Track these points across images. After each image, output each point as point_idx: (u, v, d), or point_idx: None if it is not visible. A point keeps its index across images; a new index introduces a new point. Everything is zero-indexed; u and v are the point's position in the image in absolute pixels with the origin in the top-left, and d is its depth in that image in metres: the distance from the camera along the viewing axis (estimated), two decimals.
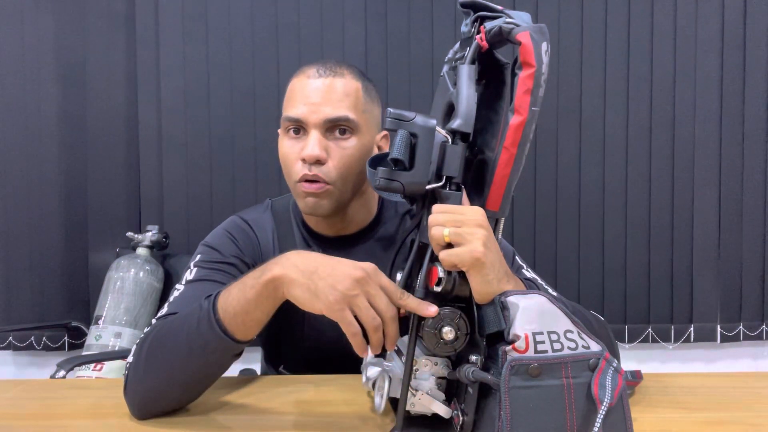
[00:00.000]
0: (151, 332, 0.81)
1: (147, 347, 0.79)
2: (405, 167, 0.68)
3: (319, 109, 0.92)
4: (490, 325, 0.64)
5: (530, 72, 0.67)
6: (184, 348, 0.76)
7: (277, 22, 2.07)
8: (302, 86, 0.94)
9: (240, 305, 0.74)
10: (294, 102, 0.94)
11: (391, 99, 2.07)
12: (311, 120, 0.92)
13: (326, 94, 0.93)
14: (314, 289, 0.70)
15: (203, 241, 1.02)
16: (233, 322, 0.75)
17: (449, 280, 0.66)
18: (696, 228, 2.10)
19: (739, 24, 2.09)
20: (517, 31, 0.68)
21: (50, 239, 2.07)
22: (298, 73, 0.98)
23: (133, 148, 2.08)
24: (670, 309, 2.11)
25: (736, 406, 0.84)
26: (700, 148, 2.10)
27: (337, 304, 0.69)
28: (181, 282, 0.95)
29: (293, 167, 0.94)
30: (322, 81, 0.93)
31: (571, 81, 2.08)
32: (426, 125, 0.69)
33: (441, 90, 0.76)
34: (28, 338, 2.07)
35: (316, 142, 0.92)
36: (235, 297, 0.75)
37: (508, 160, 0.69)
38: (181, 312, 0.82)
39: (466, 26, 0.76)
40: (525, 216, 2.08)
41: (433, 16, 2.08)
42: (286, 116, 0.95)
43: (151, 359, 0.78)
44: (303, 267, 0.72)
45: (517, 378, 0.59)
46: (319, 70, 0.95)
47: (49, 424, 0.80)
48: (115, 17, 2.07)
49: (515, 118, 0.68)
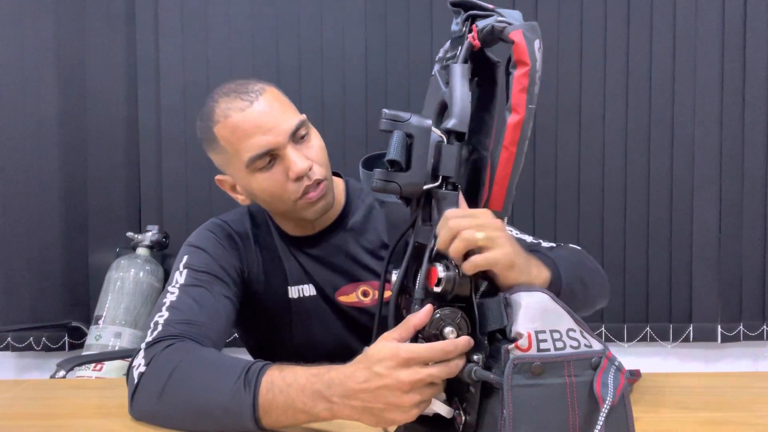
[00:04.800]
0: (180, 364, 0.78)
1: (171, 381, 0.76)
2: (401, 168, 0.68)
3: (279, 129, 0.91)
4: (492, 321, 0.64)
5: (525, 70, 0.67)
6: (207, 408, 0.74)
7: (277, 22, 2.06)
8: (244, 120, 0.91)
9: (284, 418, 0.71)
10: (248, 139, 0.91)
11: (391, 99, 2.07)
12: (281, 141, 0.91)
13: (272, 113, 0.92)
14: (377, 418, 0.67)
15: (189, 242, 1.01)
16: (267, 420, 0.72)
17: (449, 280, 0.66)
18: (696, 227, 2.10)
19: (739, 24, 2.09)
20: (509, 29, 0.68)
21: (50, 239, 2.06)
22: (217, 116, 0.93)
23: (133, 148, 2.08)
24: (668, 308, 2.11)
25: (736, 406, 0.84)
26: (699, 147, 2.10)
27: (406, 417, 0.66)
28: (173, 284, 0.93)
29: (286, 192, 0.93)
30: (257, 105, 0.92)
31: (571, 81, 2.08)
32: (421, 125, 0.69)
33: (432, 90, 0.76)
34: (28, 338, 2.06)
35: (297, 156, 0.92)
36: (281, 410, 0.71)
37: (508, 159, 0.69)
38: (215, 362, 0.78)
39: (457, 25, 0.75)
40: (524, 215, 2.07)
41: (432, 16, 2.08)
42: (253, 155, 0.91)
43: (171, 395, 0.76)
44: (352, 403, 0.68)
45: (520, 376, 0.59)
46: (242, 98, 0.92)
47: (49, 424, 0.80)
48: (115, 17, 2.07)
49: (513, 117, 0.68)
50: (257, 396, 0.71)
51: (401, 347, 0.65)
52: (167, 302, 0.90)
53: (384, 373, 0.64)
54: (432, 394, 0.66)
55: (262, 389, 0.71)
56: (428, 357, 0.64)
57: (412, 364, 0.64)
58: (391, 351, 0.65)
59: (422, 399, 0.65)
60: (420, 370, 0.64)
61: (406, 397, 0.64)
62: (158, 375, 0.78)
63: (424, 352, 0.64)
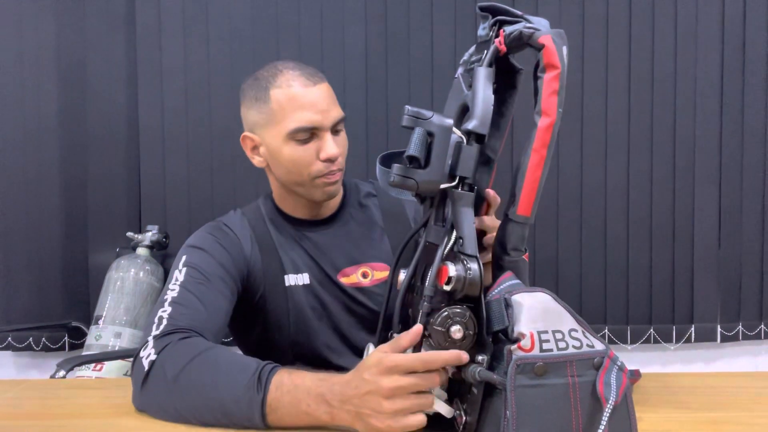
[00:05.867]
0: (196, 357, 0.79)
1: (185, 372, 0.78)
2: (420, 165, 0.68)
3: (328, 114, 1.02)
4: (495, 321, 0.64)
5: (555, 73, 0.68)
6: (218, 401, 0.76)
7: (277, 22, 2.06)
8: (304, 95, 1.01)
9: (288, 418, 0.74)
10: (301, 111, 1.00)
11: (391, 99, 2.07)
12: (326, 124, 1.02)
13: (327, 99, 1.03)
14: (365, 424, 0.69)
15: (188, 244, 1.04)
16: (272, 417, 0.74)
17: (459, 279, 0.66)
18: (696, 228, 2.10)
19: (739, 24, 2.09)
20: (538, 34, 0.69)
21: (50, 239, 2.06)
22: (279, 82, 1.02)
23: (133, 148, 2.08)
24: (671, 310, 2.11)
25: (737, 406, 0.84)
26: (700, 148, 2.09)
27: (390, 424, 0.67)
28: (173, 282, 0.94)
29: (309, 168, 1.02)
30: (318, 88, 1.02)
31: (573, 81, 2.08)
32: (443, 124, 0.69)
33: (455, 92, 0.76)
34: (28, 338, 2.06)
35: (333, 142, 1.02)
36: (287, 409, 0.74)
37: (539, 162, 0.70)
38: (230, 359, 0.80)
39: (484, 30, 0.76)
40: None
41: (432, 17, 2.08)
42: (299, 127, 1.00)
43: (183, 385, 0.78)
44: (347, 408, 0.70)
45: (523, 377, 0.59)
46: (308, 78, 1.02)
47: (49, 424, 0.80)
48: (115, 17, 2.07)
49: (544, 120, 0.69)
50: (266, 395, 0.74)
51: (386, 356, 0.68)
52: (168, 298, 0.91)
53: (369, 379, 0.68)
54: (421, 404, 0.68)
55: (271, 387, 0.74)
56: (409, 366, 0.67)
57: (394, 372, 0.67)
58: (377, 358, 0.69)
59: (404, 407, 0.67)
60: (400, 378, 0.66)
61: (386, 403, 0.67)
62: (172, 364, 0.79)
63: (405, 361, 0.67)
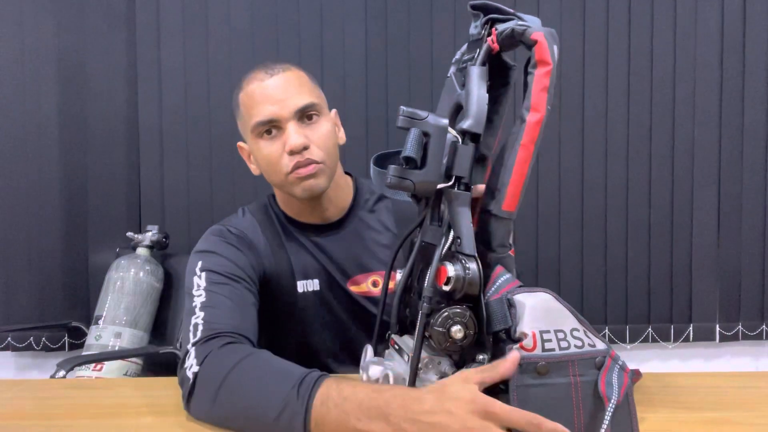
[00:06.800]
0: (236, 366, 0.76)
1: (226, 384, 0.75)
2: (416, 166, 0.68)
3: (286, 103, 0.97)
4: (497, 322, 0.64)
5: (547, 69, 0.67)
6: (257, 415, 0.72)
7: (276, 21, 2.06)
8: (260, 89, 0.98)
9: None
10: (258, 106, 0.98)
11: (391, 99, 2.07)
12: (284, 114, 0.97)
13: (286, 88, 0.98)
14: None
15: (197, 249, 1.01)
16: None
17: (458, 279, 0.65)
18: (695, 228, 2.11)
19: (739, 24, 2.09)
20: (531, 31, 0.68)
21: (50, 239, 2.06)
22: (244, 84, 1.02)
23: (133, 148, 2.08)
24: (669, 309, 2.11)
25: (736, 406, 0.84)
26: (699, 148, 2.10)
27: None
28: (195, 289, 0.91)
29: (279, 164, 0.98)
30: (275, 79, 0.99)
31: (573, 82, 2.08)
32: (438, 124, 0.69)
33: (447, 91, 0.76)
34: (28, 338, 2.06)
35: (295, 131, 0.97)
36: (334, 423, 0.67)
37: (526, 158, 0.68)
38: (271, 368, 0.76)
39: (476, 28, 0.75)
40: (527, 217, 2.08)
41: (432, 16, 2.08)
42: (258, 122, 0.98)
43: (225, 398, 0.75)
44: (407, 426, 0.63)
45: (526, 376, 0.59)
46: (267, 72, 1.00)
47: (49, 424, 0.79)
48: (115, 17, 2.07)
49: (532, 115, 0.68)
50: (309, 408, 0.68)
51: (485, 399, 0.61)
52: (198, 304, 0.88)
53: (455, 411, 0.61)
54: None
55: (316, 402, 0.68)
56: (507, 419, 0.60)
57: (490, 419, 0.60)
58: (471, 395, 0.61)
59: None
60: (491, 427, 0.59)
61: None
62: (214, 376, 0.77)
63: (510, 416, 0.60)
